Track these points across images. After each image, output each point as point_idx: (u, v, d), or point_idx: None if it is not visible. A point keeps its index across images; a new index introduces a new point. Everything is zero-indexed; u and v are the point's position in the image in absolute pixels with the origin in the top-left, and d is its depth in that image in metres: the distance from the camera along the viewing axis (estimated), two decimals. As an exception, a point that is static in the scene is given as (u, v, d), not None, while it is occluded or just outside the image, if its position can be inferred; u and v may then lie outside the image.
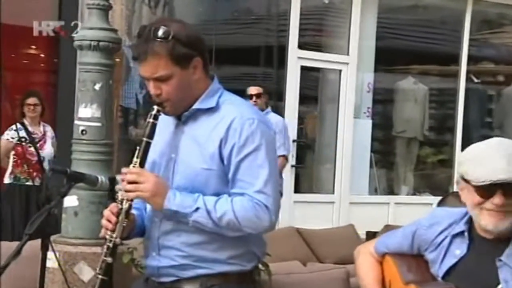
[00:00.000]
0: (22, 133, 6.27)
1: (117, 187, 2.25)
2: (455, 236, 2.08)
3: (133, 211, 2.25)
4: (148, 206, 2.31)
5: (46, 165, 6.27)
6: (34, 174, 6.20)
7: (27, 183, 6.21)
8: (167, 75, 2.17)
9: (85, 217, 3.95)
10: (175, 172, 2.23)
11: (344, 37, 8.28)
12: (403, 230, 2.22)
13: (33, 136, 6.33)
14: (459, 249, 2.05)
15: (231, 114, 2.20)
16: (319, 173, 8.64)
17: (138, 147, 2.21)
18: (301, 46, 8.01)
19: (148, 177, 2.16)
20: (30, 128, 6.34)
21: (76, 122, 4.08)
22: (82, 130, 4.00)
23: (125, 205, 2.18)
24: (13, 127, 6.26)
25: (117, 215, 2.18)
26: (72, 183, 2.32)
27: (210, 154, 2.19)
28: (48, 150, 6.37)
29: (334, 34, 8.46)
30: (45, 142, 6.40)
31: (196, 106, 2.23)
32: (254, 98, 6.18)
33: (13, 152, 6.26)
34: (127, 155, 7.84)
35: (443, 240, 2.09)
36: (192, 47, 2.18)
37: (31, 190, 6.20)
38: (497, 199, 1.95)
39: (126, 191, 2.16)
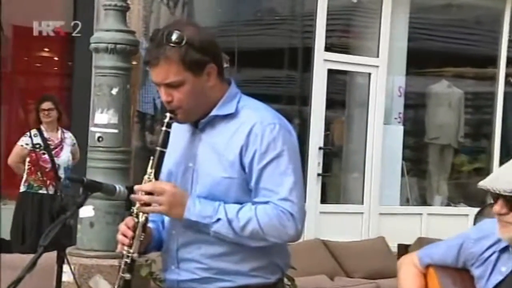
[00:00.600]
0: (38, 140, 6.32)
1: (132, 196, 2.27)
2: (502, 251, 2.08)
3: (150, 224, 2.26)
4: (166, 218, 2.33)
5: (61, 173, 6.33)
6: (48, 182, 6.26)
7: (40, 191, 6.27)
8: (178, 82, 2.18)
9: (101, 228, 3.99)
10: (194, 182, 2.24)
11: (374, 38, 8.26)
12: (449, 242, 2.22)
13: (49, 142, 6.38)
14: (505, 266, 2.05)
15: (251, 120, 2.21)
16: (347, 182, 8.61)
17: (152, 157, 2.23)
18: (328, 48, 8.00)
19: (164, 188, 2.18)
20: (46, 134, 6.39)
21: (92, 128, 4.12)
22: (99, 137, 4.03)
23: (141, 219, 2.20)
24: (28, 133, 6.33)
25: (134, 229, 2.20)
26: (89, 192, 2.33)
27: (230, 162, 2.20)
28: (64, 157, 6.40)
29: (363, 35, 8.44)
30: (61, 149, 6.44)
31: (214, 112, 2.25)
32: None
33: (28, 159, 6.33)
34: (144, 163, 7.88)
35: (490, 255, 2.10)
36: (206, 52, 2.20)
37: (44, 199, 6.26)
38: (495, 207, 1.98)
39: (142, 205, 2.18)
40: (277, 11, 8.84)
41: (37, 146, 6.28)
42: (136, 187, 2.23)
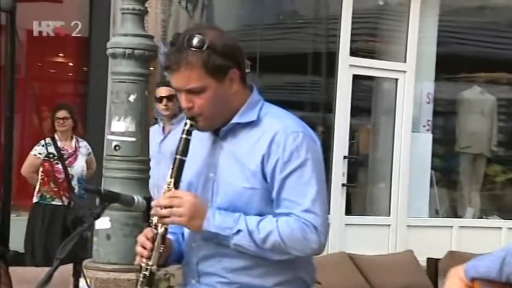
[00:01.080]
0: (51, 149, 6.36)
1: (152, 204, 2.29)
2: None
3: (169, 236, 2.28)
4: (186, 230, 2.34)
5: (75, 183, 6.36)
6: (61, 193, 6.29)
7: (53, 203, 6.31)
8: (200, 87, 2.19)
9: (118, 240, 4.01)
10: (214, 193, 2.25)
11: (401, 42, 8.25)
12: (493, 255, 2.21)
13: (62, 152, 6.41)
14: None
15: (273, 128, 2.22)
16: (373, 193, 8.59)
17: (171, 166, 2.24)
18: (353, 52, 8.01)
19: (183, 199, 2.19)
20: (59, 144, 6.43)
21: (108, 137, 4.14)
22: (115, 146, 4.06)
23: (161, 230, 2.21)
24: (42, 142, 6.37)
25: (153, 240, 2.21)
26: (106, 203, 2.35)
27: (252, 171, 2.21)
28: (78, 167, 6.44)
29: (390, 39, 8.43)
30: (75, 158, 6.48)
31: (235, 120, 2.26)
32: (164, 101, 5.55)
33: (41, 169, 6.38)
34: (161, 173, 7.92)
35: None
36: (229, 57, 2.21)
37: (58, 210, 6.29)
38: None
39: (161, 216, 2.20)
40: (301, 14, 8.86)
41: (51, 155, 6.32)
42: (154, 203, 2.23)
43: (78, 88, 8.14)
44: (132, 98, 4.08)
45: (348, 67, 7.95)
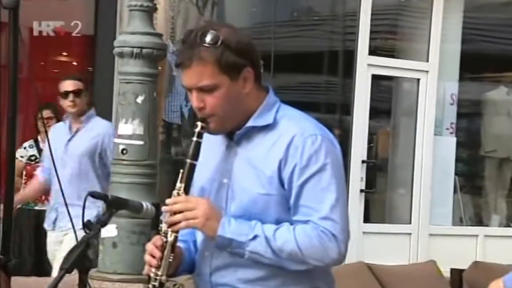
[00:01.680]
0: (33, 151, 6.37)
1: (163, 208, 2.29)
2: None
3: (180, 244, 2.28)
4: (198, 238, 2.34)
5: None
6: (43, 197, 6.30)
7: (36, 207, 6.30)
8: (212, 85, 2.21)
9: (125, 249, 4.02)
10: (228, 200, 2.26)
11: (423, 40, 8.23)
12: None
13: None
14: None
15: (290, 131, 2.23)
16: (392, 200, 8.57)
17: (182, 170, 2.24)
18: (372, 51, 7.99)
19: (197, 201, 2.20)
20: (42, 145, 6.42)
21: (115, 140, 4.16)
22: (122, 149, 4.08)
23: (170, 238, 2.21)
24: (24, 144, 6.40)
25: (162, 249, 2.21)
26: (114, 210, 2.35)
27: (268, 177, 2.21)
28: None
29: (411, 36, 8.41)
30: None
31: (250, 123, 2.26)
32: (71, 97, 5.20)
33: (24, 173, 6.37)
34: (169, 177, 7.94)
35: None
36: (243, 55, 2.22)
37: (41, 215, 6.28)
38: None
39: (173, 223, 2.20)
40: (316, 11, 8.85)
41: (33, 158, 6.33)
42: (168, 200, 2.23)
43: (82, 88, 8.15)
44: (140, 99, 4.10)
45: (366, 66, 7.94)
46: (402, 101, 8.53)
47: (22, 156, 6.39)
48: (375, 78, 8.06)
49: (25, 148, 6.36)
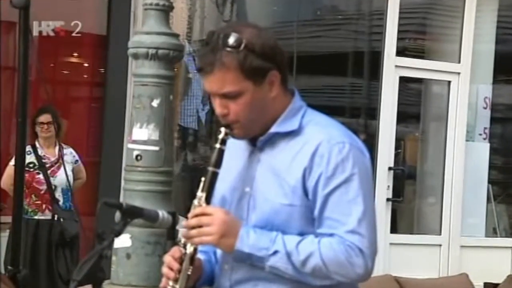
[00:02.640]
0: (31, 158, 6.36)
1: (180, 225, 2.30)
2: None
3: (200, 255, 2.28)
4: (218, 250, 2.34)
5: (58, 195, 6.35)
6: (44, 206, 6.31)
7: (36, 217, 6.29)
8: (236, 92, 2.20)
9: (139, 260, 4.03)
10: (250, 209, 2.26)
11: (455, 40, 8.20)
12: None
13: (44, 160, 6.38)
14: None
15: (316, 138, 2.22)
16: (421, 209, 8.54)
17: (203, 179, 2.24)
18: (400, 52, 7.98)
19: (213, 217, 2.19)
20: (41, 152, 6.42)
21: (129, 145, 4.18)
22: (137, 156, 4.09)
23: (189, 249, 2.22)
24: None
25: (180, 261, 2.21)
26: (128, 219, 2.36)
27: (291, 187, 2.21)
28: (61, 177, 6.40)
29: (441, 36, 8.39)
30: (59, 167, 6.44)
31: (274, 129, 2.26)
32: None
33: None
34: (185, 185, 7.96)
35: None
36: (268, 58, 2.21)
37: (41, 225, 6.29)
38: None
39: (189, 236, 2.20)
40: (341, 9, 8.86)
41: (31, 165, 6.33)
42: (190, 214, 2.23)
43: (94, 91, 8.20)
44: (155, 102, 4.11)
45: (394, 68, 7.92)
46: (432, 105, 8.51)
47: None
48: (403, 80, 8.04)
49: None
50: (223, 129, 2.25)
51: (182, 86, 7.78)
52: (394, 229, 8.04)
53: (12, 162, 6.33)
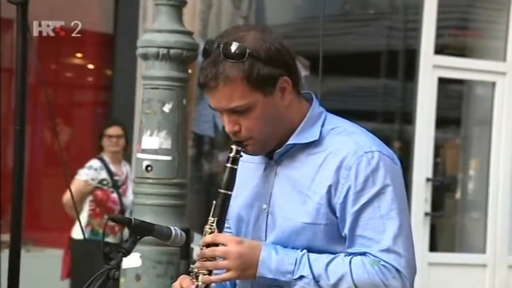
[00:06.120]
0: (104, 174, 6.39)
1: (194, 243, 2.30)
2: None
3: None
4: None
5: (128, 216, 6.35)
6: (116, 228, 6.25)
7: (107, 239, 6.21)
8: (245, 106, 2.20)
9: (150, 281, 4.04)
10: (268, 229, 2.26)
11: (500, 37, 8.19)
12: None
13: (115, 178, 6.46)
14: None
15: (341, 148, 2.21)
16: (464, 225, 8.52)
17: (214, 202, 2.25)
18: (439, 50, 7.97)
19: (227, 250, 2.19)
20: (113, 168, 6.48)
21: (138, 155, 4.19)
22: (147, 166, 4.10)
23: (201, 282, 2.22)
24: (92, 164, 6.37)
25: None
26: (138, 236, 2.37)
27: (315, 204, 2.21)
28: (131, 197, 6.29)
29: (485, 32, 8.38)
30: (127, 186, 6.49)
31: (292, 140, 2.26)
32: None
33: (90, 198, 6.37)
34: (201, 198, 7.98)
35: None
36: (276, 63, 2.21)
37: (111, 249, 6.29)
38: None
39: (204, 268, 2.21)
40: (372, 3, 8.87)
41: (104, 182, 6.36)
42: (200, 242, 2.24)
43: (100, 95, 8.25)
44: (167, 107, 4.12)
45: (432, 68, 7.92)
46: (475, 109, 8.49)
47: (92, 179, 6.35)
48: (442, 81, 8.03)
49: (95, 169, 6.36)
50: (234, 147, 2.24)
51: (197, 89, 7.80)
52: (433, 247, 8.03)
53: (82, 177, 6.33)
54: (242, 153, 2.25)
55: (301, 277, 2.17)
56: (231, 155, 2.25)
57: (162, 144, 4.11)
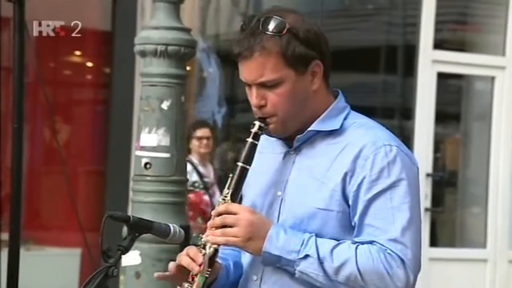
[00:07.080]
0: (195, 177, 6.39)
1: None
2: None
3: (219, 260, 2.30)
4: (244, 260, 2.37)
5: None
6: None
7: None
8: (276, 80, 2.23)
9: (150, 279, 4.04)
10: (280, 215, 2.28)
11: (499, 32, 8.19)
12: None
13: (205, 179, 6.48)
14: None
15: (360, 140, 2.24)
16: (464, 220, 8.53)
17: (231, 175, 2.27)
18: (438, 45, 7.98)
19: (239, 217, 2.21)
20: (202, 170, 6.51)
21: (137, 152, 4.19)
22: (146, 163, 4.10)
23: (209, 250, 2.24)
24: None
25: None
26: (137, 234, 2.38)
27: (330, 190, 2.23)
28: (218, 198, 6.41)
29: (484, 27, 8.38)
30: (216, 188, 6.55)
31: (314, 127, 2.28)
32: None
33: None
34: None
35: None
36: (312, 46, 2.24)
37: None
38: None
39: (212, 235, 2.23)
40: (371, -2, 8.87)
41: (196, 184, 6.37)
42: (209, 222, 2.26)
43: (98, 93, 8.24)
44: (165, 105, 4.12)
45: (431, 63, 7.93)
46: (474, 103, 8.50)
47: None
48: (441, 76, 8.04)
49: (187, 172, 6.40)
50: (257, 123, 2.27)
51: (196, 86, 7.81)
52: (433, 243, 8.05)
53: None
54: (263, 133, 2.28)
55: (306, 256, 2.19)
56: (254, 130, 2.27)
57: (161, 141, 4.11)
